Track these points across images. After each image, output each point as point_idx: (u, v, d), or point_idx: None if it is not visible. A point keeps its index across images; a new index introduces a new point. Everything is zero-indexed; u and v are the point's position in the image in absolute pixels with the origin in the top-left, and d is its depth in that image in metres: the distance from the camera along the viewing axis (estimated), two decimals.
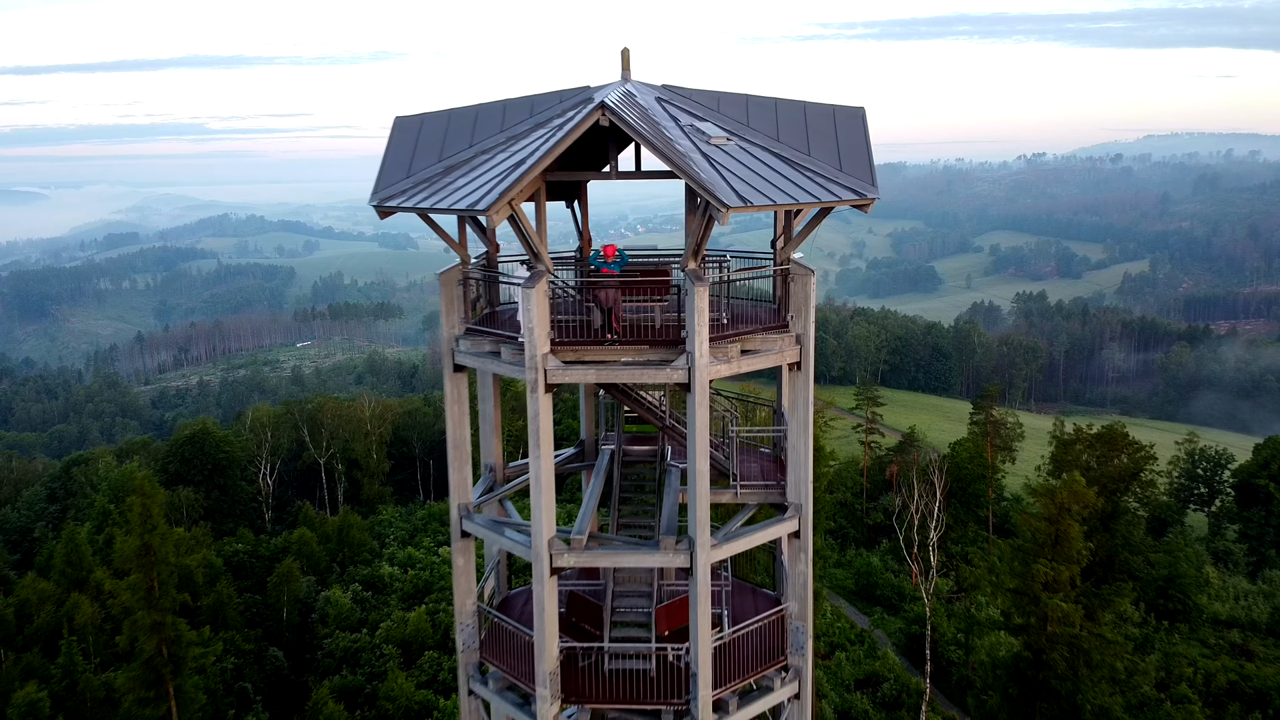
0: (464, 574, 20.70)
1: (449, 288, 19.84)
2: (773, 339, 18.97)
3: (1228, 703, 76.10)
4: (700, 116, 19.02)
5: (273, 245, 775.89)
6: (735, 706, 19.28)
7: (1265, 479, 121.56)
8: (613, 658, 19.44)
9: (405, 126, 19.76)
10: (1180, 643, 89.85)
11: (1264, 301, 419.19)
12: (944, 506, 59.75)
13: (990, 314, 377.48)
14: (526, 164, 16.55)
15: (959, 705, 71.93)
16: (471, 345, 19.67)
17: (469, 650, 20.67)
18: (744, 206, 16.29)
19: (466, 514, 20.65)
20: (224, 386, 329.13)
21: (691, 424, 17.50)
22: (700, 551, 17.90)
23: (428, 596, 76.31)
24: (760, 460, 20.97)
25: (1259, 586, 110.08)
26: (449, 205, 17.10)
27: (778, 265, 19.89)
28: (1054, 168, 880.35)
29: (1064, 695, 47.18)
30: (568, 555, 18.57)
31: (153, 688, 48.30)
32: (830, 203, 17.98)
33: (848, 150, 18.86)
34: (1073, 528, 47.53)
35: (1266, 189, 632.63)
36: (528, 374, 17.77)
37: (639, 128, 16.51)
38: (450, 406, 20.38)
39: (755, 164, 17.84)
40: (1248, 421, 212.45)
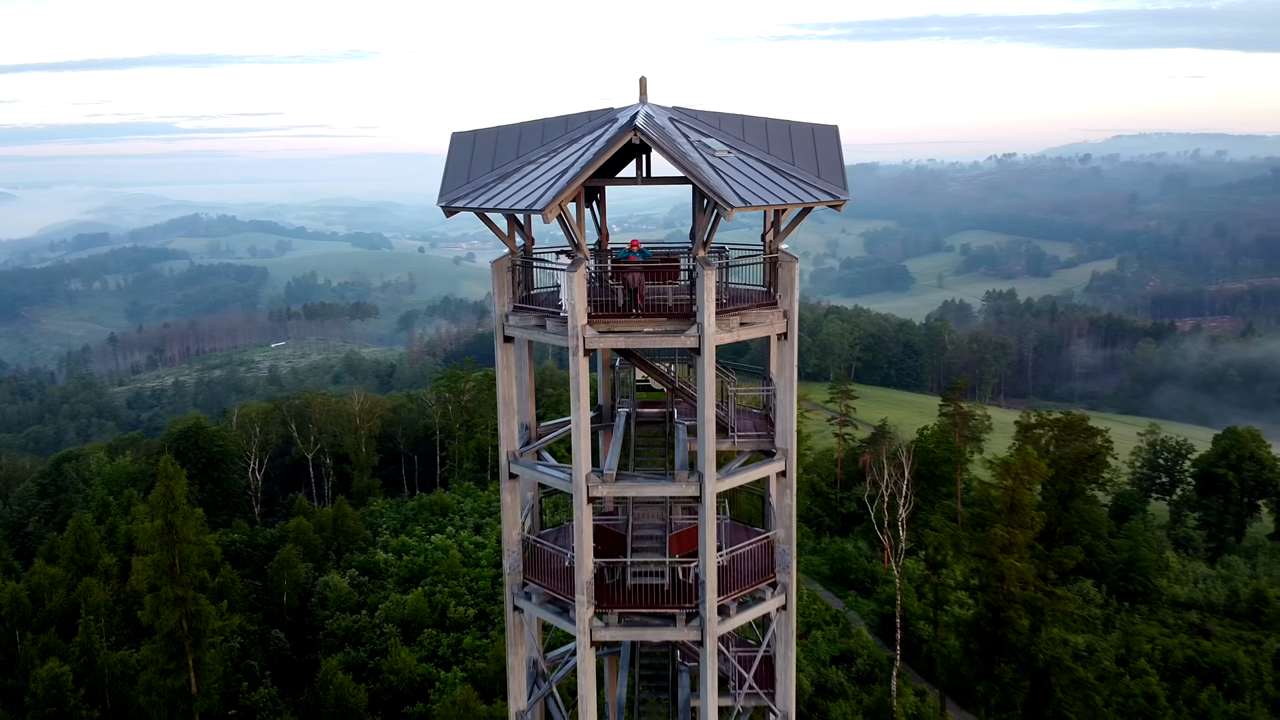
0: (511, 509, 24.68)
1: (500, 273, 23.33)
2: (765, 314, 23.13)
3: (1184, 677, 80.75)
4: (705, 133, 22.95)
5: (245, 245, 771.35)
6: (734, 611, 23.47)
7: (1224, 468, 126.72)
8: (634, 575, 23.50)
9: (461, 140, 23.46)
10: (1140, 623, 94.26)
11: (1229, 299, 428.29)
12: (912, 485, 63.65)
13: (961, 312, 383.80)
14: (572, 172, 20.27)
15: (928, 679, 75.84)
16: (519, 320, 23.25)
17: (515, 572, 24.67)
18: (745, 206, 20.28)
19: (514, 459, 24.54)
20: (200, 387, 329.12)
21: (701, 380, 21.54)
22: (708, 482, 22.06)
23: (423, 580, 79.39)
24: (753, 418, 25.00)
25: (1217, 571, 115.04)
26: (510, 206, 20.72)
27: (768, 254, 23.94)
28: (1024, 167, 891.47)
29: (1020, 648, 51.33)
30: (601, 487, 22.61)
31: (174, 659, 51.25)
32: (811, 203, 22.11)
33: (824, 160, 23.02)
34: (1026, 496, 51.64)
35: (1233, 189, 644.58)
36: (570, 341, 21.50)
37: (663, 145, 20.43)
38: (500, 372, 24.05)
39: (752, 172, 21.79)
40: (1208, 414, 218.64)
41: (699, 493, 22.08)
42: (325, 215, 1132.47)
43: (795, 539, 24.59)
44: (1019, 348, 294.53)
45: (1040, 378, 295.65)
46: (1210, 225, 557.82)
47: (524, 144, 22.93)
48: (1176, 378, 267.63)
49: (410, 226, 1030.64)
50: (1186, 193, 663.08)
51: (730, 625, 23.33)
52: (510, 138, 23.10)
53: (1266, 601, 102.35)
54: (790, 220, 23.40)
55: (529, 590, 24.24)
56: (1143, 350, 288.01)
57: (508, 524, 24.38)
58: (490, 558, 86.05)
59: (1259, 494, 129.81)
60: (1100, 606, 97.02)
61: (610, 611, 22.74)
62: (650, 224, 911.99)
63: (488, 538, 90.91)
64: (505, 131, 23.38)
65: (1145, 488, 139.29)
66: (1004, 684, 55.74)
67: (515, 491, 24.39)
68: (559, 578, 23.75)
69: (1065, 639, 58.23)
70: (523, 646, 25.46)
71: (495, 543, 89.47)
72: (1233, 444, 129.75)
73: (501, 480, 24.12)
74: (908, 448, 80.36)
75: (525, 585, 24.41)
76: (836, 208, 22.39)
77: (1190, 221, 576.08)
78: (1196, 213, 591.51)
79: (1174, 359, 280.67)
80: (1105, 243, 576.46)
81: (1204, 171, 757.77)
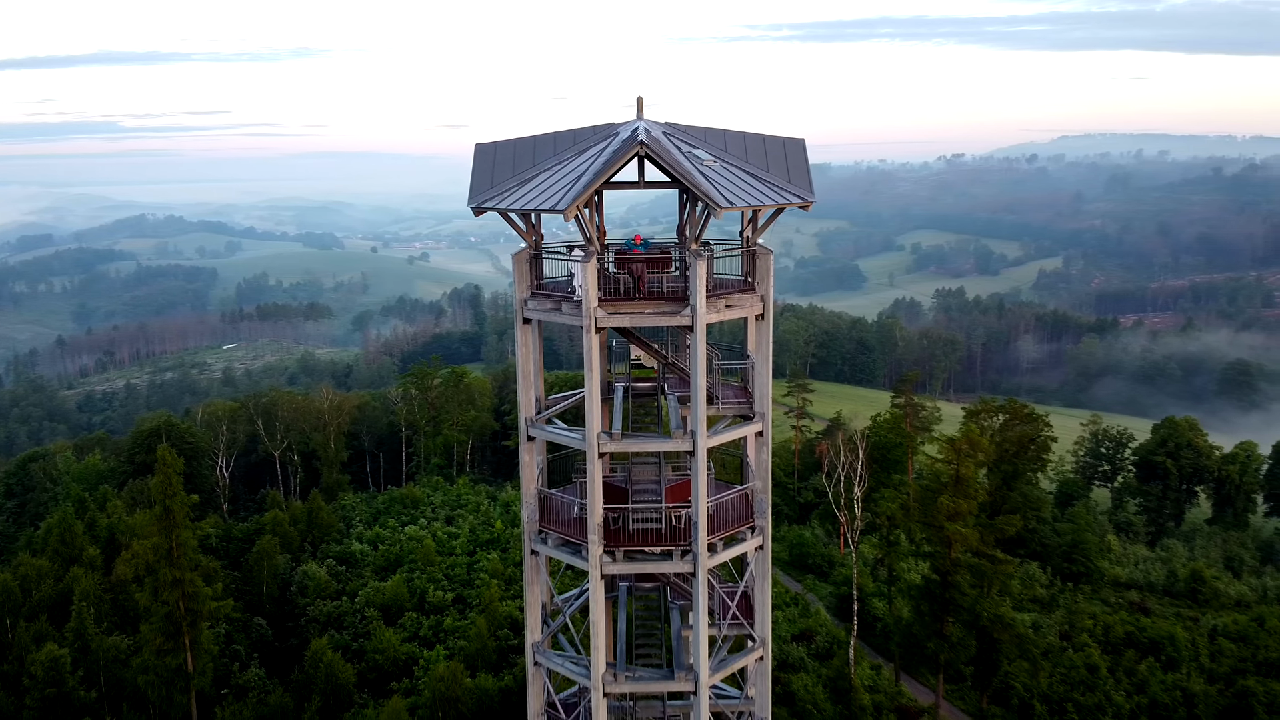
0: (529, 467, 28.53)
1: (520, 264, 27.02)
2: (745, 298, 27.12)
3: (1124, 650, 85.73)
4: (694, 145, 26.64)
5: (193, 246, 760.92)
6: (721, 548, 27.43)
7: (1163, 456, 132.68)
8: (636, 520, 27.39)
9: (484, 150, 27.05)
10: (1083, 601, 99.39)
11: (1170, 296, 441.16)
12: (866, 466, 67.75)
13: (912, 309, 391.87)
14: (587, 178, 23.89)
15: (883, 654, 79.95)
16: (537, 304, 26.92)
17: (531, 521, 28.50)
18: (731, 207, 24.27)
19: (531, 423, 28.46)
20: (152, 389, 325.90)
21: (694, 353, 25.35)
22: (700, 439, 26.00)
23: (399, 568, 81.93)
24: (733, 388, 28.75)
25: (1157, 553, 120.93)
26: (535, 206, 24.21)
27: (747, 248, 27.69)
28: (973, 168, 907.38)
29: (966, 608, 55.86)
30: (610, 444, 26.54)
31: (171, 639, 53.48)
32: (785, 204, 26.06)
33: (794, 168, 27.15)
34: (970, 469, 56.11)
35: (1175, 188, 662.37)
36: (584, 321, 25.25)
37: (662, 156, 24.22)
38: (520, 350, 27.97)
39: (734, 178, 25.58)
40: (1148, 406, 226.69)
41: (692, 448, 25.89)
42: (274, 215, 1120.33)
43: (770, 490, 28.38)
44: (968, 344, 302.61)
45: (988, 373, 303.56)
46: (1153, 224, 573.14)
47: (538, 153, 26.49)
48: (1118, 371, 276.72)
49: (362, 226, 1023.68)
50: (1130, 192, 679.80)
51: (717, 560, 27.15)
52: (526, 148, 26.69)
53: (1203, 581, 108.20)
54: (766, 219, 27.26)
55: (545, 536, 27.93)
56: (1086, 345, 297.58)
57: (525, 480, 28.17)
58: (464, 546, 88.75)
59: (1196, 480, 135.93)
60: (1045, 587, 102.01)
61: (617, 550, 26.60)
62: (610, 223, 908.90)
63: (460, 528, 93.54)
64: (521, 143, 26.99)
65: (1088, 475, 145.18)
66: (952, 642, 60.09)
67: (532, 452, 28.30)
68: (571, 525, 27.60)
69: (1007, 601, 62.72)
70: (538, 585, 29.24)
71: (468, 532, 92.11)
72: (1171, 433, 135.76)
73: (520, 442, 27.78)
74: (863, 432, 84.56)
75: (541, 532, 28.01)
76: (805, 208, 26.27)
77: (1133, 220, 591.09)
78: (1139, 212, 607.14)
79: (1116, 353, 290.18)
80: (1051, 241, 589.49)
81: (1147, 171, 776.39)
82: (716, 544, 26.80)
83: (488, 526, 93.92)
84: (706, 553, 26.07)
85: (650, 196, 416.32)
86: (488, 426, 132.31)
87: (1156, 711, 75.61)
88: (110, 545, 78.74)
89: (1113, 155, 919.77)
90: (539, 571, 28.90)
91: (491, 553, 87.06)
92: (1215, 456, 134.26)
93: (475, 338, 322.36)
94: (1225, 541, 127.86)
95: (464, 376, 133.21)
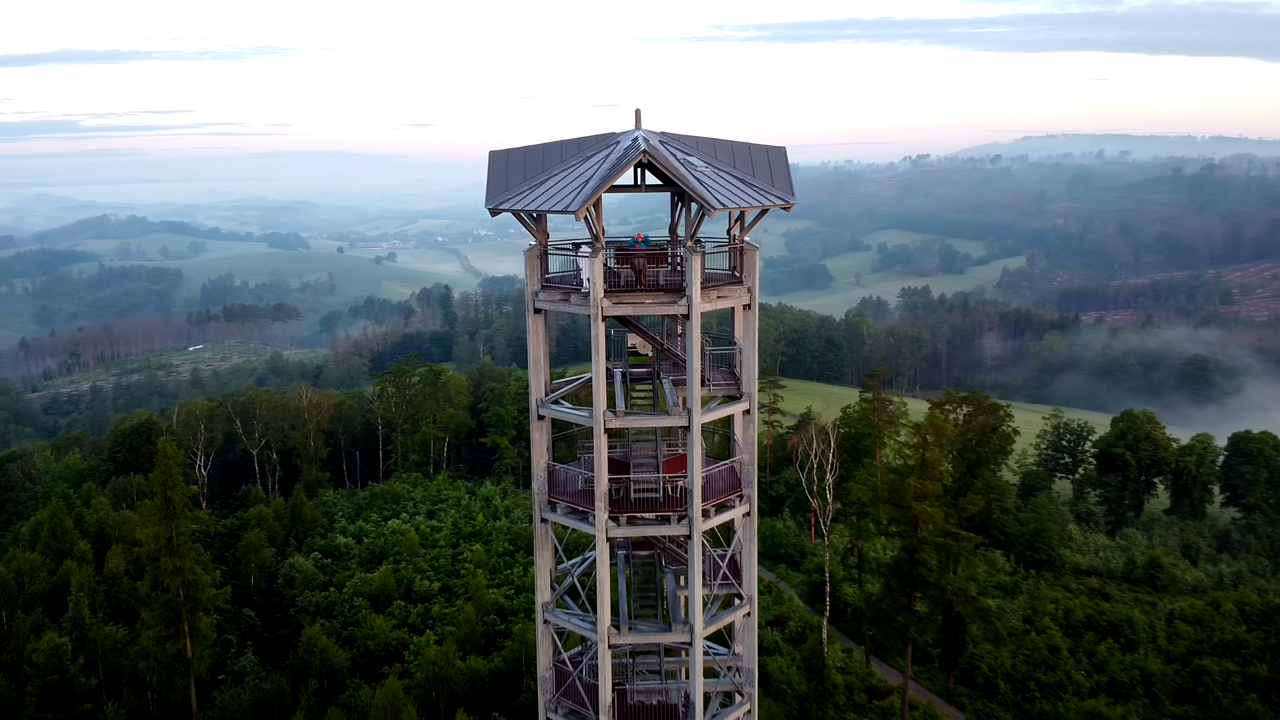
0: (539, 444, 30.90)
1: (531, 260, 29.51)
2: (734, 289, 30.02)
3: (1085, 632, 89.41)
4: (688, 153, 29.30)
5: (156, 247, 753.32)
6: (713, 514, 30.21)
7: (1122, 449, 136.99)
8: (636, 490, 30.11)
9: (497, 157, 29.65)
10: (1045, 588, 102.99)
11: (1131, 293, 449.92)
12: (838, 455, 70.83)
13: (878, 308, 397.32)
14: (595, 182, 26.50)
15: (853, 638, 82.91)
16: (548, 296, 29.47)
17: (541, 493, 30.93)
18: (724, 208, 26.95)
19: (541, 404, 30.77)
20: (119, 391, 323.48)
21: (689, 338, 28.02)
22: (695, 415, 28.68)
23: (384, 560, 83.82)
24: (721, 372, 31.51)
25: (1116, 542, 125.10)
26: (549, 207, 26.72)
27: (734, 245, 30.50)
28: (938, 168, 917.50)
29: (932, 583, 59.37)
30: (614, 420, 29.08)
31: (172, 625, 55.20)
32: (770, 205, 28.83)
33: (776, 173, 30.10)
34: (935, 453, 59.49)
35: (1136, 188, 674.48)
36: (591, 310, 27.78)
37: (662, 162, 27.01)
38: (531, 337, 30.23)
39: (725, 182, 28.25)
40: (1107, 400, 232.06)
41: (688, 423, 28.70)
42: (239, 215, 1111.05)
43: (756, 463, 31.23)
44: (933, 341, 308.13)
45: (953, 369, 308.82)
46: (1114, 223, 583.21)
47: (546, 160, 29.19)
48: (1079, 367, 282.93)
49: (327, 226, 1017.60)
50: (1091, 192, 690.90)
51: (710, 523, 30.04)
52: (536, 155, 29.43)
53: (1161, 568, 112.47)
54: (752, 219, 30.10)
55: (554, 505, 30.72)
56: (1049, 342, 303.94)
57: (536, 455, 30.78)
58: (447, 539, 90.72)
59: (1154, 472, 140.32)
60: (1009, 574, 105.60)
61: (620, 516, 29.47)
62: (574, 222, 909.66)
63: (442, 522, 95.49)
64: (532, 150, 29.74)
65: (1050, 467, 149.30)
66: (920, 616, 63.38)
67: (542, 429, 30.86)
68: (577, 495, 30.45)
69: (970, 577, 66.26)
70: (547, 551, 31.86)
71: (450, 526, 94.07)
72: (1130, 426, 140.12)
73: (531, 420, 30.56)
74: (834, 422, 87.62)
75: (550, 502, 30.79)
76: (786, 208, 29.25)
77: (1095, 219, 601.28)
78: (1101, 211, 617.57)
79: (1078, 350, 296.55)
80: (1015, 240, 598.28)
81: (1108, 171, 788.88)
82: (709, 510, 29.75)
83: (469, 520, 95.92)
84: (701, 517, 29.05)
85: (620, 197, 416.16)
86: (464, 424, 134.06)
87: (1115, 689, 79.24)
88: (100, 540, 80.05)
89: (1075, 155, 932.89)
90: (548, 538, 31.66)
91: (474, 544, 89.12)
92: (1173, 449, 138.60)
93: (446, 338, 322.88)
94: (1183, 530, 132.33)
95: (441, 374, 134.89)
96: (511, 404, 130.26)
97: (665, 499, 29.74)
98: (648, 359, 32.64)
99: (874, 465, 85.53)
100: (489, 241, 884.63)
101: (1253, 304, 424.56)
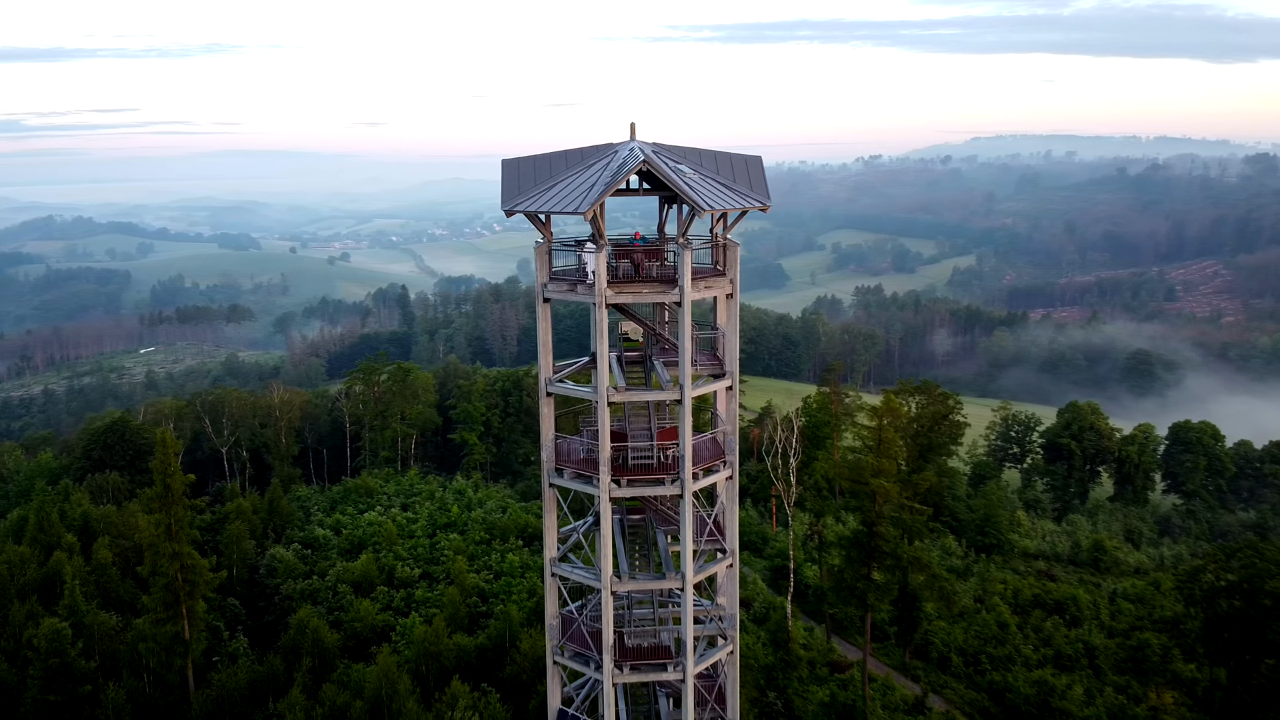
0: (547, 418, 34.72)
1: (540, 255, 33.13)
2: (718, 280, 33.95)
3: (1032, 610, 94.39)
4: (678, 161, 33.03)
5: (104, 248, 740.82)
6: (701, 476, 34.14)
7: (1068, 438, 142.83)
8: (633, 457, 33.86)
9: (510, 164, 33.32)
10: (995, 570, 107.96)
11: (1078, 290, 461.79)
12: (800, 440, 75.07)
13: (833, 306, 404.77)
14: (600, 187, 30.21)
15: (814, 617, 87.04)
16: (555, 287, 33.19)
17: (549, 460, 34.74)
18: (712, 209, 30.91)
19: (550, 383, 34.51)
20: (72, 394, 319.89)
21: (681, 323, 31.85)
22: (686, 389, 32.52)
23: (365, 550, 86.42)
24: (706, 354, 35.44)
25: (1062, 527, 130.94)
26: (562, 209, 30.36)
27: (718, 242, 34.40)
28: (890, 169, 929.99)
29: (889, 553, 64.26)
30: (616, 395, 32.92)
31: (170, 608, 57.63)
32: (750, 207, 32.70)
33: (754, 179, 34.11)
34: (891, 433, 64.12)
35: (1082, 187, 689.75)
36: (595, 299, 31.58)
37: (659, 170, 30.91)
38: (540, 324, 33.85)
39: (712, 187, 32.09)
40: (1053, 393, 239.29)
41: (680, 396, 32.60)
42: (187, 215, 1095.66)
43: (737, 433, 35.36)
44: (887, 338, 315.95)
45: (906, 365, 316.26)
46: (1061, 222, 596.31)
47: (554, 167, 32.92)
48: (1027, 361, 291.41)
49: (278, 226, 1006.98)
50: (1039, 192, 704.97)
51: (700, 485, 33.99)
52: (544, 163, 33.18)
53: (1104, 550, 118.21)
54: (734, 219, 33.89)
55: (561, 471, 34.61)
56: (998, 338, 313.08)
57: (545, 427, 34.66)
58: (424, 529, 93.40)
59: (1099, 461, 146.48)
60: (961, 558, 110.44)
61: (621, 478, 33.32)
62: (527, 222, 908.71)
63: (418, 514, 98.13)
64: (540, 159, 33.50)
65: (999, 457, 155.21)
66: (879, 584, 67.98)
67: (550, 405, 34.72)
68: (582, 462, 34.35)
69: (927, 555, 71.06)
70: (553, 513, 35.68)
71: (426, 517, 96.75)
72: (1075, 417, 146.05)
73: (540, 398, 34.24)
74: (796, 410, 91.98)
75: (558, 469, 34.67)
76: (764, 210, 33.17)
77: (1042, 219, 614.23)
78: (1048, 210, 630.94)
79: (1025, 345, 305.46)
80: (965, 240, 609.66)
81: (1055, 171, 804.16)
82: (698, 473, 33.76)
83: (444, 512, 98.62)
84: (691, 479, 33.07)
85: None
86: (431, 421, 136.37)
87: (1061, 662, 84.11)
88: (85, 533, 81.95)
89: (1023, 156, 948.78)
90: (554, 501, 35.55)
91: (451, 534, 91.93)
92: (1116, 438, 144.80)
93: (405, 338, 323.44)
94: (1126, 516, 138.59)
95: (410, 372, 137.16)
96: (479, 401, 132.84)
97: (658, 464, 33.74)
98: (639, 345, 36.38)
99: (834, 447, 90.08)
100: (444, 241, 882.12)
101: (1195, 300, 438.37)
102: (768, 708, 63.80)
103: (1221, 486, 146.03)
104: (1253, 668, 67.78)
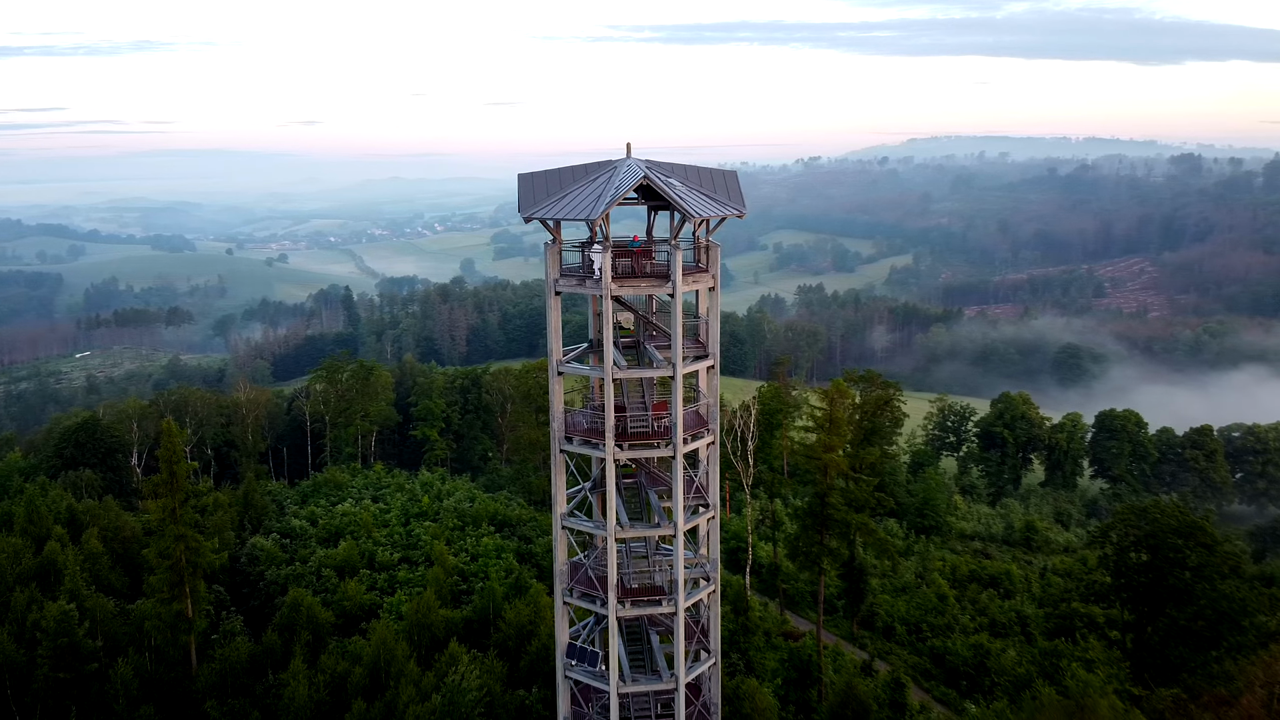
0: (558, 394, 40.39)
1: (552, 254, 38.69)
2: (703, 276, 39.99)
3: (969, 584, 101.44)
4: (667, 175, 38.65)
5: (33, 251, 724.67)
6: (689, 441, 40.03)
7: (1001, 427, 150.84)
8: (632, 425, 39.81)
9: (526, 177, 38.92)
10: (934, 550, 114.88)
11: (1011, 288, 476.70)
12: (758, 424, 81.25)
13: (777, 305, 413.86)
14: (609, 196, 35.74)
15: (768, 594, 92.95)
16: (566, 282, 38.82)
17: (560, 429, 40.37)
18: (700, 217, 37.01)
19: (560, 364, 40.20)
20: (10, 399, 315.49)
21: (675, 310, 37.65)
22: (678, 366, 38.44)
23: (342, 538, 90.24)
24: (691, 339, 41.20)
25: (997, 510, 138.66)
26: (576, 216, 35.83)
27: (702, 244, 40.44)
28: (829, 170, 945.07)
29: (839, 521, 70.93)
30: (619, 373, 38.45)
31: (175, 588, 61.43)
32: (729, 214, 38.73)
33: (732, 191, 40.23)
34: (840, 413, 70.57)
35: (1014, 188, 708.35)
36: (602, 291, 37.36)
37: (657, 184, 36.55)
38: (551, 314, 39.61)
39: (698, 197, 38.01)
40: (985, 385, 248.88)
41: (673, 373, 38.41)
42: (118, 217, 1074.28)
43: (718, 407, 41.53)
44: (828, 335, 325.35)
45: (847, 360, 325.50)
46: (994, 221, 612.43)
47: (563, 181, 38.55)
48: (962, 355, 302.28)
49: (213, 227, 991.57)
50: (973, 192, 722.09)
51: (688, 448, 39.79)
52: (555, 176, 38.87)
53: (1036, 531, 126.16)
54: (715, 224, 39.82)
55: (570, 438, 40.32)
56: (934, 334, 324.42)
57: (555, 402, 40.26)
58: (398, 519, 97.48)
59: (1030, 448, 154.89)
60: (902, 539, 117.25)
61: (623, 443, 39.13)
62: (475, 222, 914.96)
63: (390, 505, 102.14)
64: (551, 173, 39.19)
65: (937, 446, 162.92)
66: (830, 548, 74.42)
67: (560, 384, 40.44)
68: (587, 431, 40.25)
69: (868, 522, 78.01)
70: (562, 475, 41.20)
71: (399, 508, 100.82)
72: (1007, 407, 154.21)
73: (550, 376, 39.85)
74: (752, 398, 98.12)
75: (567, 436, 40.36)
76: (740, 217, 39.20)
77: (977, 218, 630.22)
78: (982, 210, 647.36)
79: (961, 340, 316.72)
80: (902, 239, 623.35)
81: (989, 172, 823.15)
82: (687, 438, 39.63)
83: (415, 502, 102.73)
84: (682, 443, 38.92)
85: None
86: (391, 419, 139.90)
87: (996, 629, 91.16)
88: (71, 524, 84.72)
89: (958, 157, 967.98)
90: (564, 465, 41.18)
91: (425, 522, 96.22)
92: (1046, 427, 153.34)
93: (351, 339, 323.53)
94: (1056, 500, 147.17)
95: (373, 370, 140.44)
96: (440, 398, 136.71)
97: (653, 431, 39.72)
98: (631, 332, 42.01)
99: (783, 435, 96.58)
100: (384, 241, 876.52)
101: (1122, 296, 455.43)
102: (731, 667, 69.21)
103: (1145, 471, 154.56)
104: (1159, 612, 75.02)
